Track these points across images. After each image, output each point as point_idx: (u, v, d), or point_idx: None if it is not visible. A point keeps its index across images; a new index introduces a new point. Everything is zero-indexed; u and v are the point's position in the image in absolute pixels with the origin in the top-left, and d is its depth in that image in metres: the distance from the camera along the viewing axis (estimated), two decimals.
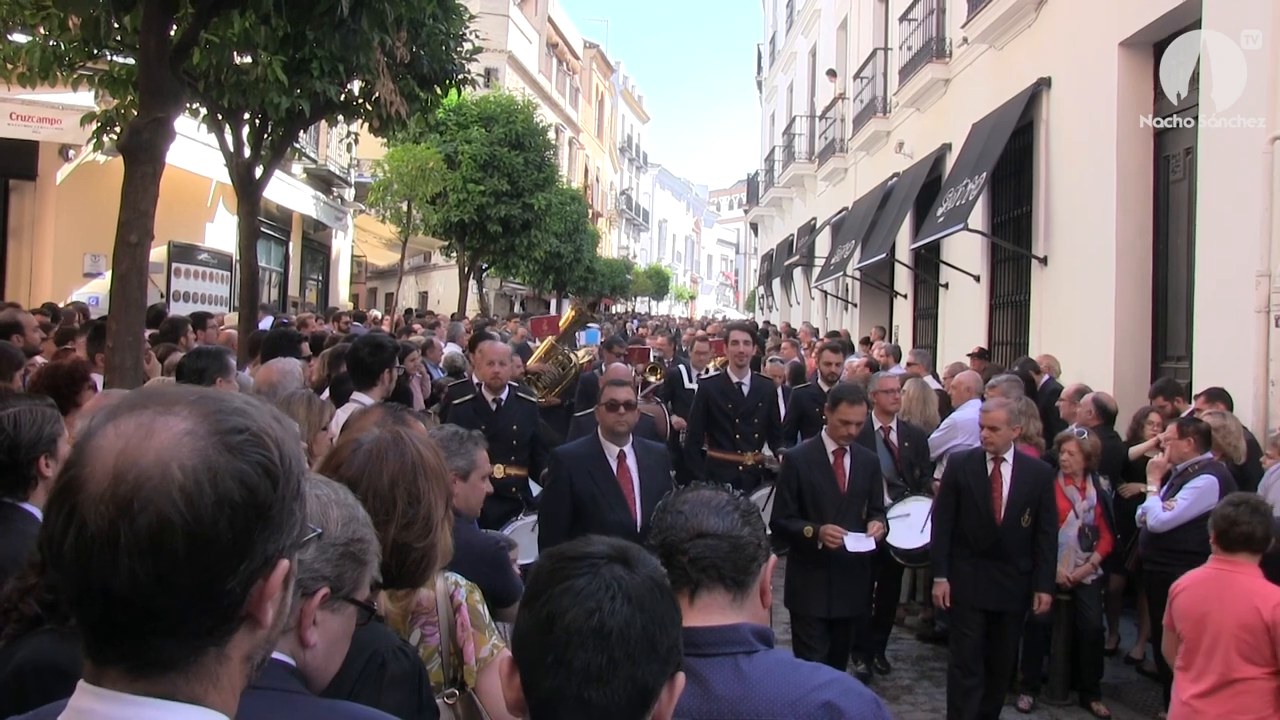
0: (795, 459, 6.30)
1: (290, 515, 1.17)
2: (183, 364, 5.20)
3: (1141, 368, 10.14)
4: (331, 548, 1.74)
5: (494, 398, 7.02)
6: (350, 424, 3.67)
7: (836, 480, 6.14)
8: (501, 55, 36.22)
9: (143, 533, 1.05)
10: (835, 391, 6.41)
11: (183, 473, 1.07)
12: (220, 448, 1.11)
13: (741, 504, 2.22)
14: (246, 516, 1.10)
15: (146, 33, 5.89)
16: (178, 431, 1.10)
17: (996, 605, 6.29)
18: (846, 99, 23.70)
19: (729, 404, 8.28)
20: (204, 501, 1.07)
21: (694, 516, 2.15)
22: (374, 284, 35.40)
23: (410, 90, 10.67)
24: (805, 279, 27.61)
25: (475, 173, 23.88)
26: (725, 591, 2.09)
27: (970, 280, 14.34)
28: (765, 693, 2.01)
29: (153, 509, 1.06)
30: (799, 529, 5.99)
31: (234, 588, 1.12)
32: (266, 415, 1.19)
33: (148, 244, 5.91)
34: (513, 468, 6.90)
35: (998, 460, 6.35)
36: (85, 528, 1.06)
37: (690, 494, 2.24)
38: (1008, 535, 6.24)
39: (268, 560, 1.14)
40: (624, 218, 63.24)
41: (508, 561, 3.77)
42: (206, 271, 16.47)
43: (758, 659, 2.06)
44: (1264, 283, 7.71)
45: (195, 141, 12.60)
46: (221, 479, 1.09)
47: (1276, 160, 7.68)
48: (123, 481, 1.06)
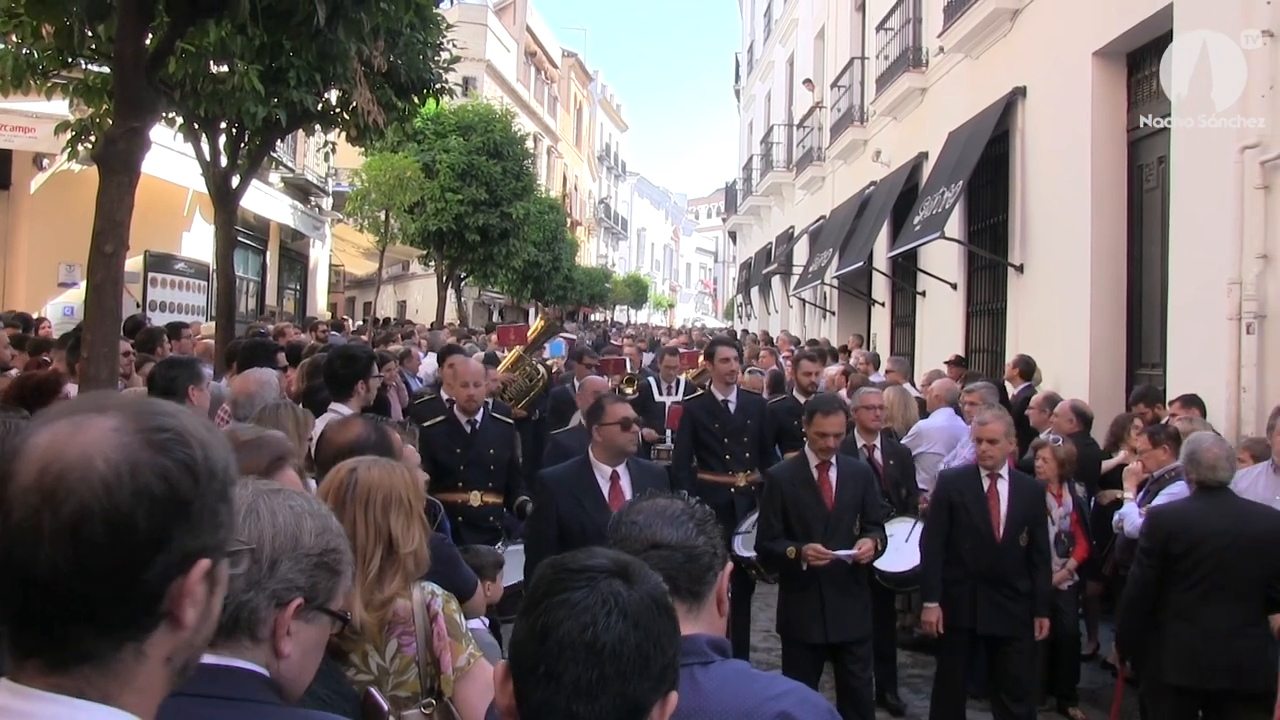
0: (778, 477, 5.98)
1: (213, 516, 1.22)
2: (154, 374, 5.16)
3: (1117, 374, 10.21)
4: (305, 558, 1.73)
5: (468, 419, 6.62)
6: (327, 435, 3.67)
7: (822, 496, 5.80)
8: (480, 64, 36.23)
9: (64, 520, 1.11)
10: (810, 404, 6.23)
11: (105, 464, 1.13)
12: (143, 444, 1.16)
13: (696, 512, 2.21)
14: (165, 510, 1.15)
15: (121, 41, 5.85)
16: (104, 429, 1.16)
17: (1002, 630, 5.93)
18: (824, 108, 23.79)
19: (716, 423, 7.84)
20: (123, 491, 1.13)
21: (649, 527, 2.14)
22: (352, 293, 35.33)
23: (388, 99, 10.67)
24: (783, 287, 27.66)
25: (453, 182, 23.85)
26: (681, 603, 2.05)
27: (947, 288, 14.40)
28: (719, 703, 2.01)
29: (75, 498, 1.11)
30: (782, 550, 5.67)
31: (150, 579, 1.16)
32: (196, 421, 1.25)
33: (123, 254, 5.86)
34: (490, 495, 6.52)
35: (994, 476, 6.04)
36: (10, 517, 1.12)
37: (645, 503, 2.23)
38: (1007, 555, 5.94)
39: (187, 556, 1.19)
40: (602, 226, 63.26)
41: (458, 556, 3.78)
42: (183, 281, 16.41)
43: (713, 669, 2.06)
44: (1236, 290, 7.78)
45: (172, 151, 12.56)
46: (141, 471, 1.14)
47: (1248, 168, 7.76)
48: (47, 473, 1.12)
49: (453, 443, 6.48)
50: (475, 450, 6.52)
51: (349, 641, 2.68)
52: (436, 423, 6.57)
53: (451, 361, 7.69)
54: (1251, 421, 7.58)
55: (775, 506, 5.84)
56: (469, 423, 6.60)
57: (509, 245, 25.69)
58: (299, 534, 1.74)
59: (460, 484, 6.42)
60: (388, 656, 2.76)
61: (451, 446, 6.48)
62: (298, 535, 1.74)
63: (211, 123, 10.32)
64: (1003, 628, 5.93)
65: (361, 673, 2.72)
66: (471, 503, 6.41)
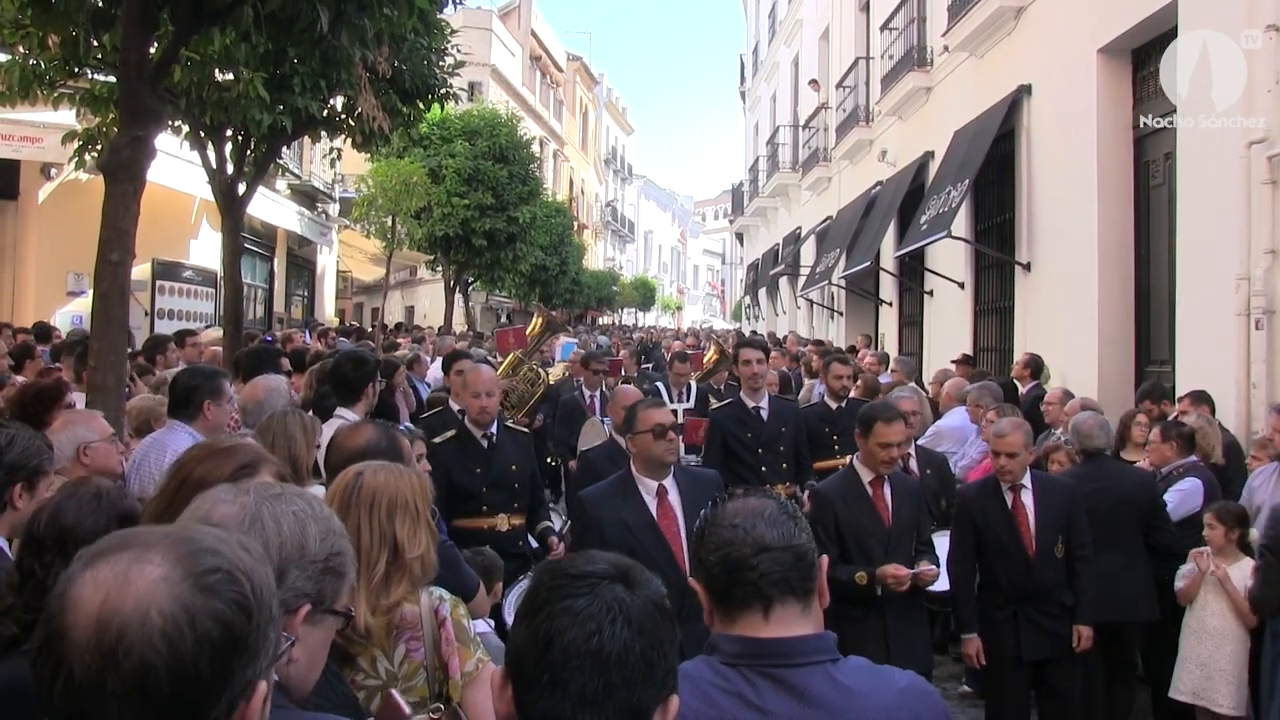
0: (828, 495, 5.33)
1: (265, 640, 1.25)
2: (176, 380, 5.15)
3: (1125, 372, 10.18)
4: (312, 564, 1.75)
5: (483, 433, 5.89)
6: (337, 440, 3.67)
7: (879, 514, 5.23)
8: (485, 69, 36.27)
9: (128, 678, 1.12)
10: (869, 411, 5.47)
11: (162, 618, 1.14)
12: (195, 590, 1.18)
13: (789, 508, 2.18)
14: (225, 652, 1.19)
15: (126, 51, 5.89)
16: (154, 579, 1.17)
17: (1048, 654, 5.42)
18: (829, 108, 23.77)
19: (748, 433, 7.20)
20: (184, 643, 1.15)
21: (752, 530, 2.08)
22: (360, 299, 35.37)
23: (393, 105, 10.69)
24: (791, 288, 27.66)
25: (460, 186, 23.88)
26: (797, 602, 2.06)
27: (955, 287, 14.38)
28: (862, 697, 1.99)
29: (136, 655, 1.13)
30: (849, 577, 5.00)
31: (219, 716, 1.19)
32: (236, 548, 1.27)
33: (129, 262, 5.90)
34: (517, 516, 5.84)
35: (1016, 489, 5.53)
36: (73, 676, 1.13)
37: (735, 504, 2.16)
38: (1044, 571, 5.43)
39: (247, 685, 1.22)
40: (609, 229, 63.27)
41: (459, 557, 3.76)
42: (191, 289, 16.46)
43: (844, 666, 2.05)
44: (1243, 286, 7.76)
45: (178, 159, 12.59)
46: (199, 620, 1.16)
47: (1254, 164, 7.74)
48: (106, 631, 1.13)
49: (471, 461, 5.78)
50: (497, 469, 5.83)
51: (356, 645, 2.68)
52: (448, 439, 5.85)
53: (460, 368, 7.15)
54: (1261, 417, 7.54)
55: (829, 528, 5.18)
56: (485, 437, 5.89)
57: (516, 249, 25.71)
58: (305, 541, 1.75)
59: (485, 507, 5.74)
60: (396, 661, 2.76)
61: (470, 466, 5.77)
62: (304, 543, 1.75)
63: (217, 130, 10.36)
64: (1049, 650, 5.43)
65: (370, 677, 2.72)
66: (499, 527, 5.72)
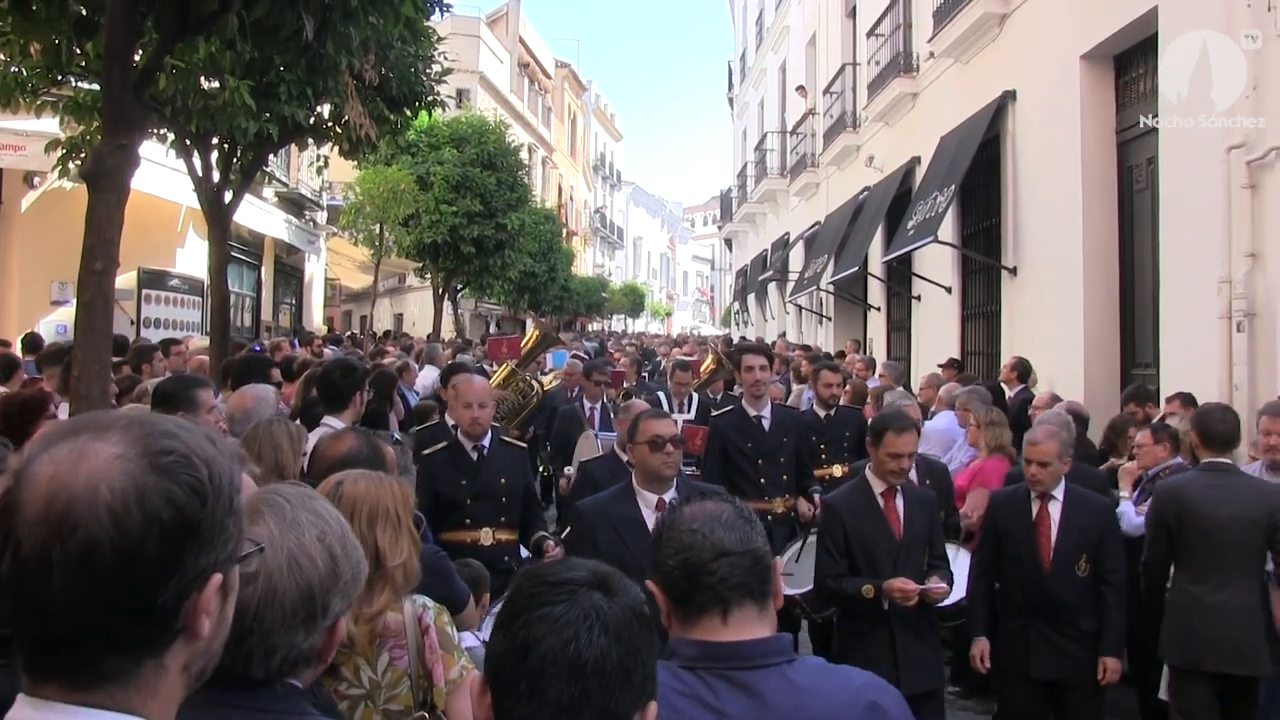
0: (837, 506, 5.18)
1: (223, 530, 1.23)
2: (156, 390, 5.15)
3: (1111, 375, 10.23)
4: (345, 585, 1.82)
5: (474, 445, 5.78)
6: (319, 448, 3.67)
7: (890, 526, 5.08)
8: (473, 76, 36.28)
9: (73, 552, 1.11)
10: (880, 420, 5.32)
11: (111, 494, 1.13)
12: (149, 469, 1.16)
13: (744, 512, 2.19)
14: (175, 534, 1.16)
15: (110, 59, 5.87)
16: (108, 455, 1.16)
17: (1058, 675, 5.20)
18: (816, 114, 23.85)
19: (748, 443, 6.97)
20: (131, 521, 1.13)
21: (711, 534, 2.10)
22: (348, 307, 35.33)
23: (380, 112, 10.70)
24: (780, 293, 27.70)
25: (448, 194, 23.88)
26: (754, 605, 2.08)
27: (942, 292, 14.43)
28: (818, 697, 2.02)
29: (82, 529, 1.11)
30: (856, 590, 4.89)
31: (166, 602, 1.17)
32: (198, 436, 1.24)
33: (113, 271, 5.87)
34: (504, 531, 5.72)
35: (1044, 498, 5.31)
36: (20, 549, 1.13)
37: (694, 508, 2.18)
38: (1059, 588, 5.18)
39: (200, 574, 1.20)
40: (598, 236, 63.29)
41: (450, 568, 3.76)
42: (178, 297, 16.43)
43: (798, 666, 2.07)
44: (1226, 289, 7.82)
45: (164, 167, 12.57)
46: (149, 499, 1.14)
47: (1235, 168, 7.80)
48: (54, 504, 1.12)
49: (457, 472, 5.68)
50: (484, 480, 5.71)
51: (339, 654, 2.68)
52: (438, 450, 5.79)
53: (454, 382, 6.76)
54: (1244, 419, 7.58)
55: (837, 540, 5.07)
56: (475, 449, 5.78)
57: (504, 256, 25.72)
58: (338, 566, 1.81)
59: (468, 520, 5.64)
60: (379, 670, 2.76)
61: (456, 477, 5.67)
62: (338, 569, 1.81)
63: (203, 138, 10.34)
64: (1060, 671, 5.20)
65: (353, 686, 2.72)
66: (483, 541, 5.61)
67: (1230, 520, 5.16)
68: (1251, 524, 5.17)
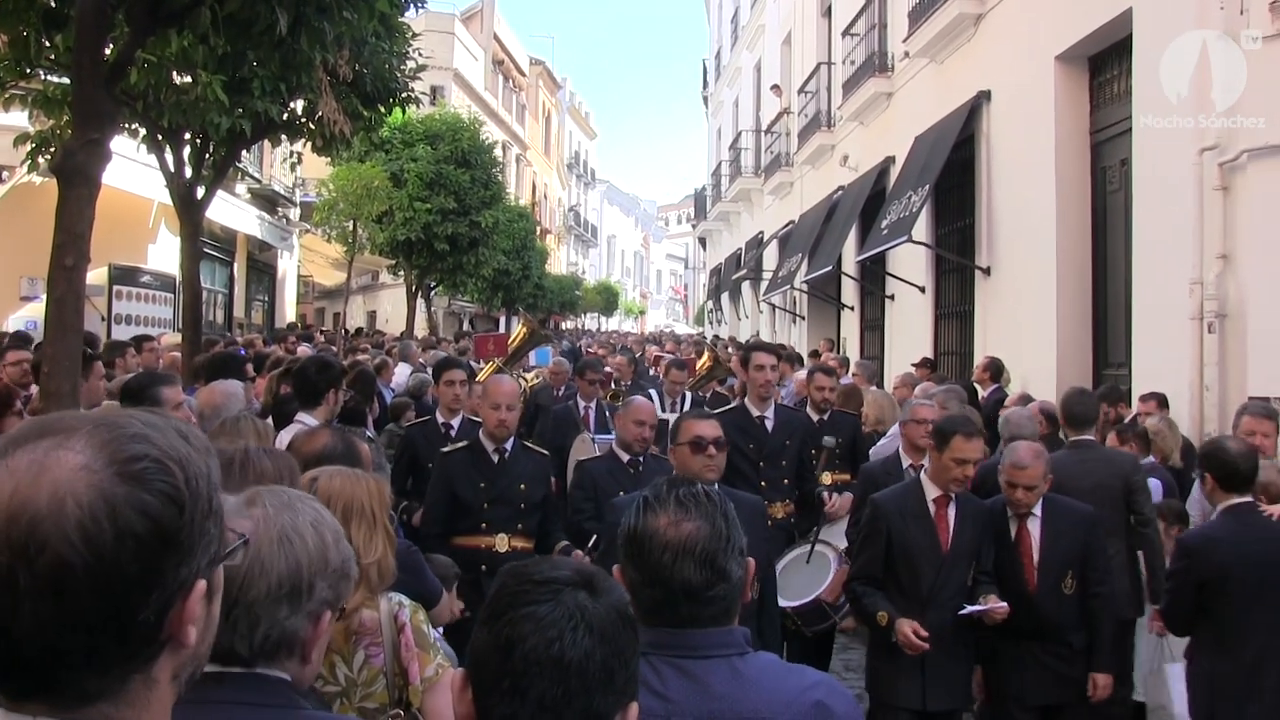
0: (885, 507, 4.86)
1: (204, 535, 1.13)
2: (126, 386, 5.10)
3: (1084, 375, 10.28)
4: (333, 573, 1.80)
5: (496, 447, 5.58)
6: (294, 445, 3.63)
7: (938, 536, 4.76)
8: (447, 73, 36.14)
9: (42, 575, 1.02)
10: (947, 424, 4.94)
11: (79, 509, 1.03)
12: (118, 479, 1.06)
13: (722, 533, 2.12)
14: (153, 548, 1.06)
15: (80, 52, 5.81)
16: (73, 465, 1.05)
17: (1054, 699, 4.92)
18: (791, 113, 23.90)
19: (750, 444, 6.51)
20: (104, 538, 1.03)
21: (680, 572, 2.07)
22: (321, 304, 35.13)
23: (354, 109, 10.63)
24: (753, 292, 27.75)
25: (421, 191, 23.79)
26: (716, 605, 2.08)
27: (915, 291, 14.49)
28: (762, 692, 2.02)
29: (50, 550, 1.02)
30: (873, 610, 4.67)
31: (148, 617, 1.08)
32: (170, 435, 1.14)
33: (84, 267, 5.82)
34: (520, 539, 5.50)
35: (1023, 517, 4.98)
36: None
37: (667, 532, 2.10)
38: (1047, 607, 4.88)
39: (182, 584, 1.11)
40: (572, 234, 63.25)
41: (423, 564, 3.74)
42: (149, 293, 16.28)
43: (750, 660, 2.08)
44: (1197, 290, 7.89)
45: (135, 162, 12.46)
46: (121, 512, 1.05)
47: (1206, 171, 7.87)
48: (16, 524, 1.02)
49: (476, 474, 5.49)
50: (503, 485, 5.51)
51: None
52: (458, 449, 5.69)
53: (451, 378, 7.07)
54: (1214, 419, 7.69)
55: (879, 542, 4.77)
56: (497, 451, 5.58)
57: (478, 254, 25.64)
58: (327, 551, 1.79)
59: (484, 524, 5.43)
60: (355, 667, 2.75)
61: (475, 479, 5.49)
62: (326, 555, 1.79)
63: (175, 134, 10.26)
64: (1056, 694, 4.92)
65: (329, 684, 2.70)
66: (498, 548, 5.40)
67: (1094, 489, 5.54)
68: (1111, 490, 5.71)
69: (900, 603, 4.68)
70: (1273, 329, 7.46)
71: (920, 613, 4.61)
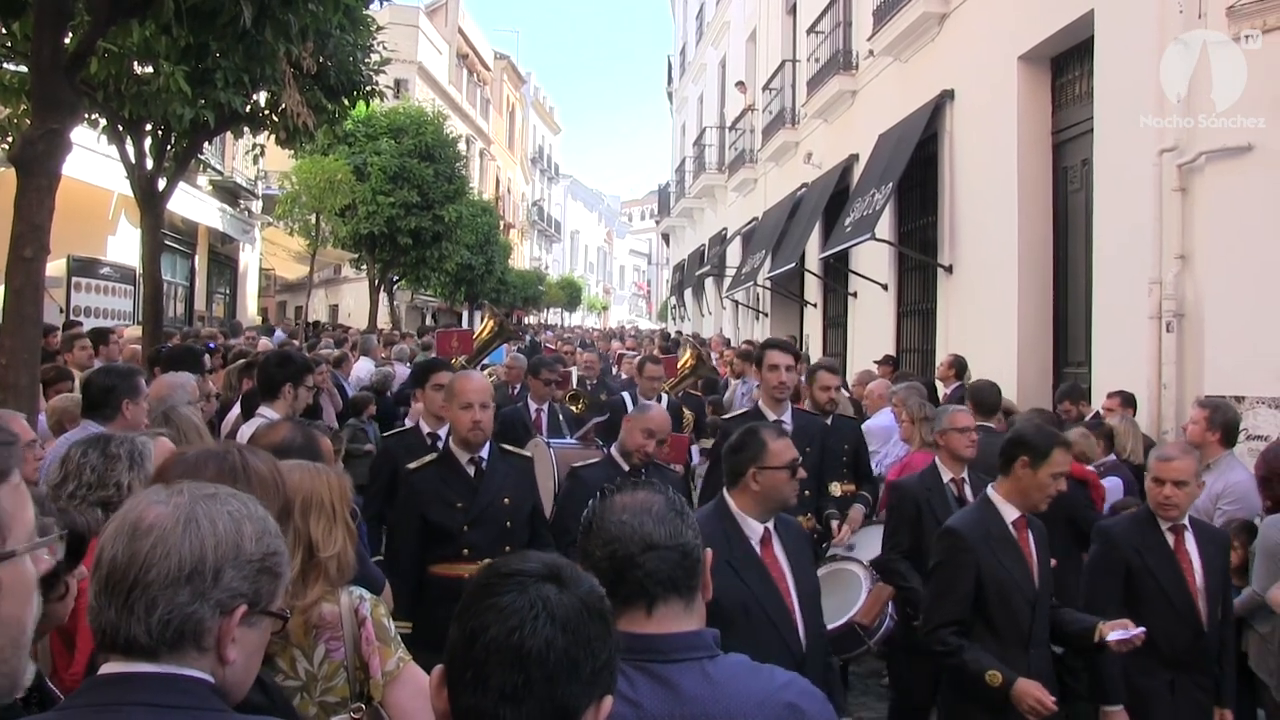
0: (969, 536, 4.10)
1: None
2: (89, 381, 5.05)
3: (1044, 373, 10.40)
4: (248, 564, 1.71)
5: (470, 457, 4.79)
6: (255, 438, 3.62)
7: (1027, 564, 4.08)
8: (411, 66, 35.92)
9: None
10: (1038, 438, 4.20)
11: None
12: None
13: (675, 503, 2.17)
14: None
15: (39, 41, 5.74)
16: None
17: None
18: (756, 110, 23.96)
19: None
20: None
21: (640, 527, 2.09)
22: (283, 297, 34.89)
23: (317, 101, 10.56)
24: (716, 289, 27.81)
25: (385, 184, 23.63)
26: (680, 599, 2.08)
27: (878, 289, 14.58)
28: (733, 694, 2.03)
29: None
30: (980, 670, 3.86)
31: None
32: None
33: (43, 258, 5.76)
34: None
35: (1179, 530, 4.36)
36: None
37: (624, 498, 2.16)
38: (1210, 637, 4.33)
39: None
40: (536, 229, 63.08)
41: (364, 554, 3.73)
42: (109, 286, 16.07)
43: (720, 662, 2.08)
44: (1156, 290, 8.00)
45: (95, 153, 12.31)
46: None
47: (1165, 172, 7.97)
48: None
49: (451, 493, 4.70)
50: (483, 502, 4.73)
51: (274, 645, 2.64)
52: (425, 464, 4.84)
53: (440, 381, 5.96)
54: (1171, 417, 7.80)
55: (967, 578, 4.04)
56: (472, 462, 4.80)
57: (441, 248, 25.51)
58: (240, 541, 1.72)
59: (465, 550, 4.62)
60: (315, 661, 2.73)
61: (450, 499, 4.69)
62: (239, 542, 1.71)
63: (136, 125, 10.14)
64: None
65: (289, 678, 2.69)
66: None
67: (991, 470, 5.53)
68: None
69: (996, 648, 3.98)
70: (1229, 328, 7.57)
71: (1023, 657, 3.99)
